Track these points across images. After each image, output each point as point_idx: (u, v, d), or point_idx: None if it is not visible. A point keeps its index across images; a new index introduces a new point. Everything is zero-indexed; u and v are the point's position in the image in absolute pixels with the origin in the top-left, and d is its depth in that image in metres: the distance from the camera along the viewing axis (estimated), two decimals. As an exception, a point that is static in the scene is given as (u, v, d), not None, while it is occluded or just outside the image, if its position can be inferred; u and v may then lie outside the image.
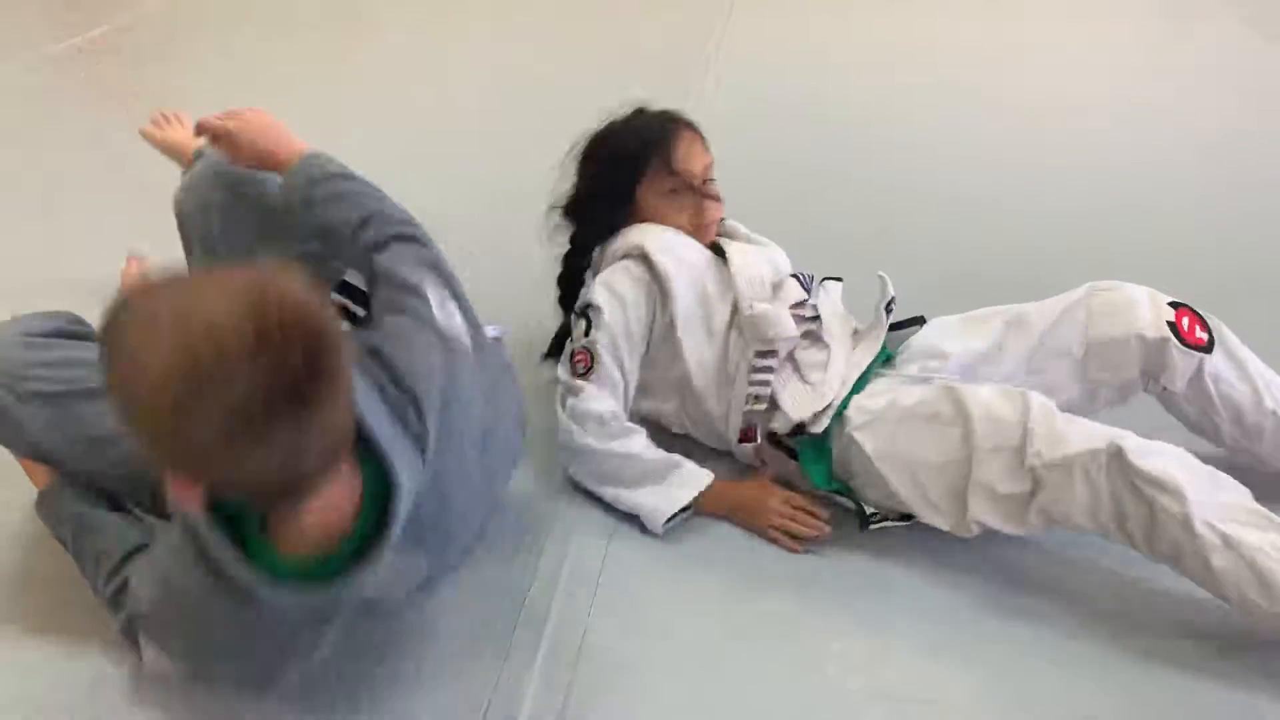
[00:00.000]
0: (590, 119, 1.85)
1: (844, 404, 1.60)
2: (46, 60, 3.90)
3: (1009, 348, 1.67)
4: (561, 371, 1.71)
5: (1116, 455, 1.37)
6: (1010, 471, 1.44)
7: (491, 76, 3.88)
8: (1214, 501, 1.37)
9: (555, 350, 1.86)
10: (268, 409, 0.88)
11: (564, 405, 1.68)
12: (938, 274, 2.31)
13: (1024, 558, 1.60)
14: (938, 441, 1.50)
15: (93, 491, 1.41)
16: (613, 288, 1.69)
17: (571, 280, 1.86)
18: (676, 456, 1.66)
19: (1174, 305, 1.62)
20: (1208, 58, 4.33)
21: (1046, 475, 1.41)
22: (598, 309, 1.67)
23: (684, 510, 1.62)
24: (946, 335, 1.70)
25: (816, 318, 1.71)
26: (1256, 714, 1.38)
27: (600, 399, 1.65)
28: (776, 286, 1.72)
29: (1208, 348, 1.59)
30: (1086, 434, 1.42)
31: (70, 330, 1.42)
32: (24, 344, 1.35)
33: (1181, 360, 1.58)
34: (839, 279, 1.82)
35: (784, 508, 1.62)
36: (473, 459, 1.28)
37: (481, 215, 2.74)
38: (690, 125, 1.80)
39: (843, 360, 1.66)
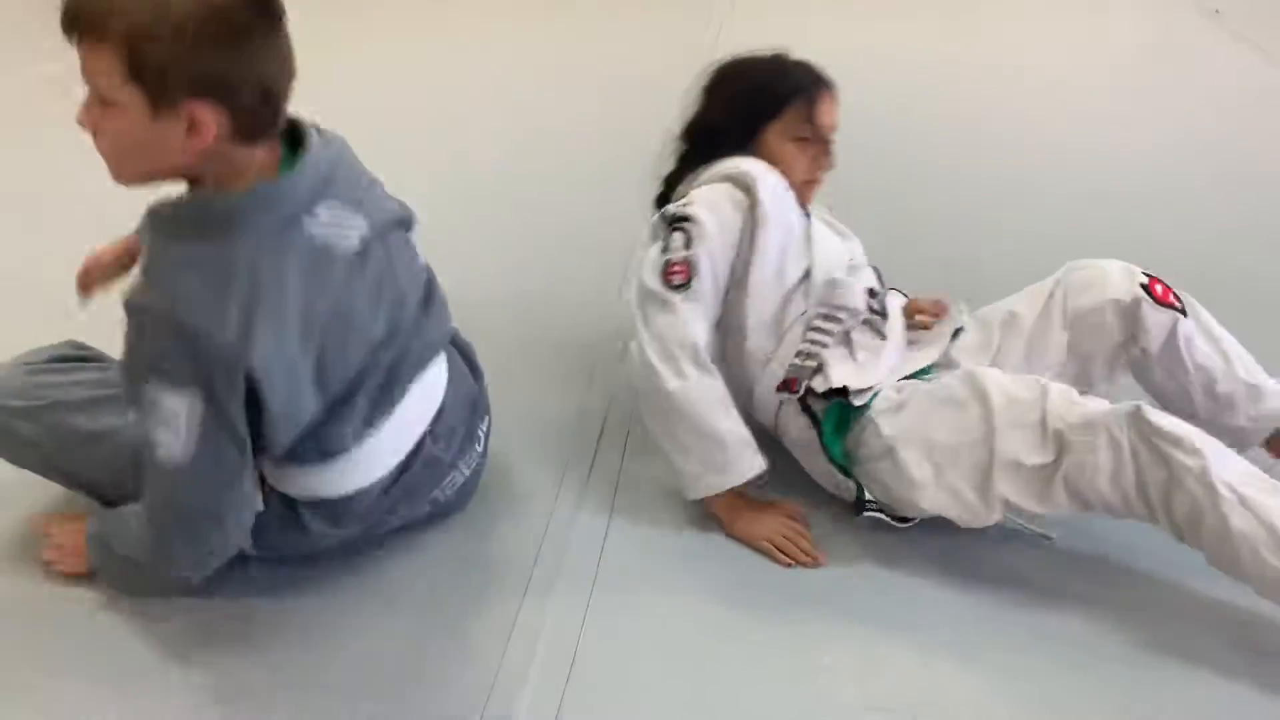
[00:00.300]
0: (586, 125, 1.85)
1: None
2: (41, 75, 3.91)
3: (1006, 351, 1.72)
4: (651, 281, 1.64)
5: (1135, 415, 1.40)
6: (1034, 442, 1.45)
7: (485, 83, 3.89)
8: (1229, 464, 1.38)
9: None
10: (259, 9, 1.15)
11: (648, 323, 1.62)
12: (940, 275, 2.31)
13: (1021, 562, 1.60)
14: (957, 421, 1.51)
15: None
16: (714, 205, 1.65)
17: (669, 203, 1.81)
18: (740, 433, 1.61)
19: (1147, 275, 1.67)
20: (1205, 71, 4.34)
21: (1071, 436, 1.42)
22: (699, 223, 1.63)
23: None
24: (959, 349, 1.75)
25: (883, 313, 1.72)
26: (1260, 710, 1.37)
27: (695, 323, 1.60)
28: (853, 269, 1.74)
29: (1182, 311, 1.63)
30: (1104, 403, 1.46)
31: (68, 355, 1.56)
32: (24, 371, 1.52)
33: (1154, 317, 1.62)
34: (905, 294, 1.87)
35: (783, 528, 1.62)
36: (364, 170, 1.42)
37: (480, 219, 2.74)
38: (832, 86, 1.79)
39: (895, 354, 1.68)
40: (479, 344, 1.77)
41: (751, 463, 1.61)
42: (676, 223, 1.65)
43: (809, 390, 1.63)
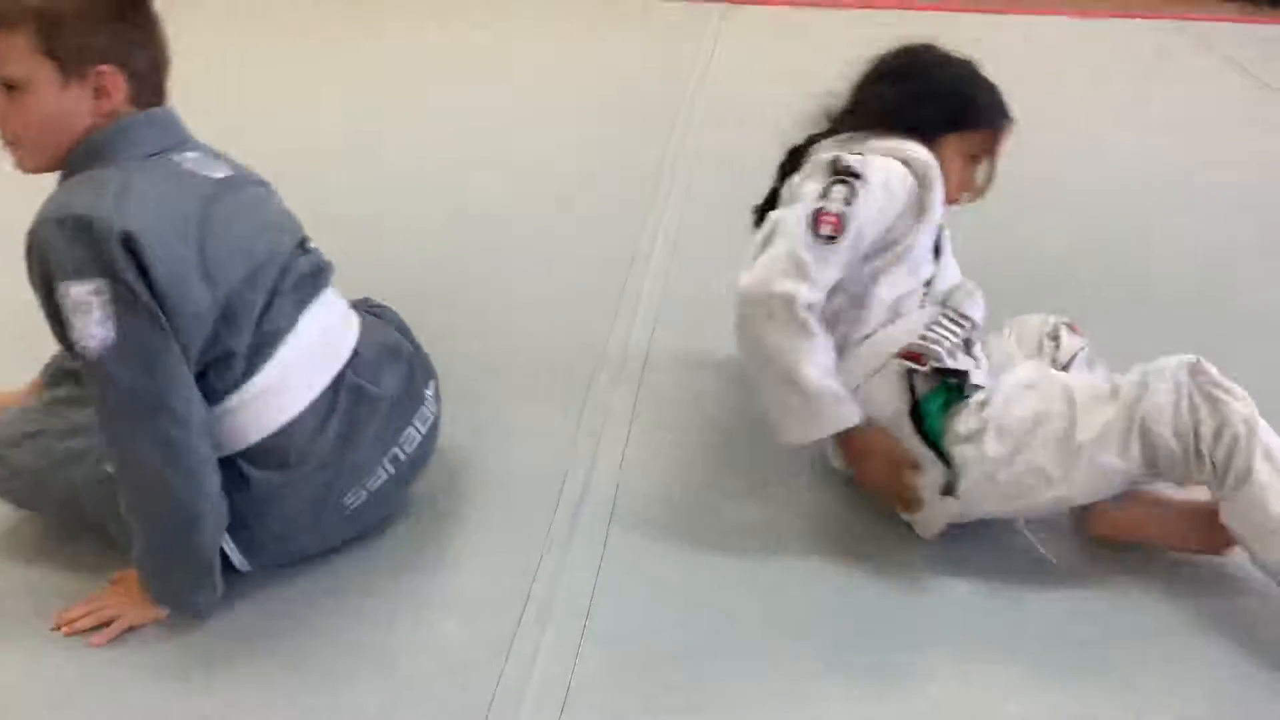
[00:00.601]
0: (577, 154, 1.85)
1: None
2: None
3: None
4: (798, 218, 1.57)
5: (1195, 365, 1.52)
6: (1110, 403, 1.54)
7: (479, 101, 3.90)
8: (1268, 428, 1.49)
9: (766, 210, 1.79)
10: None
11: (766, 255, 1.55)
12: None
13: (1016, 581, 1.61)
14: (1037, 400, 1.57)
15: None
16: (888, 176, 1.62)
17: (802, 161, 1.78)
18: (830, 386, 1.57)
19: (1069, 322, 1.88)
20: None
21: (1147, 380, 1.53)
22: (868, 185, 1.59)
23: None
24: None
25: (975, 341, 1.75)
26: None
27: (816, 289, 1.54)
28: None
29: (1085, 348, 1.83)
30: None
31: (69, 397, 1.63)
32: (21, 412, 1.63)
33: (1069, 341, 1.81)
34: None
35: (896, 474, 1.61)
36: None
37: (474, 235, 2.74)
38: (1015, 122, 1.81)
39: (985, 375, 1.70)
40: (473, 361, 1.76)
41: (838, 414, 1.58)
42: (845, 174, 1.61)
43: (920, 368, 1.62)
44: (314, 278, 1.57)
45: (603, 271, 2.57)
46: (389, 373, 1.60)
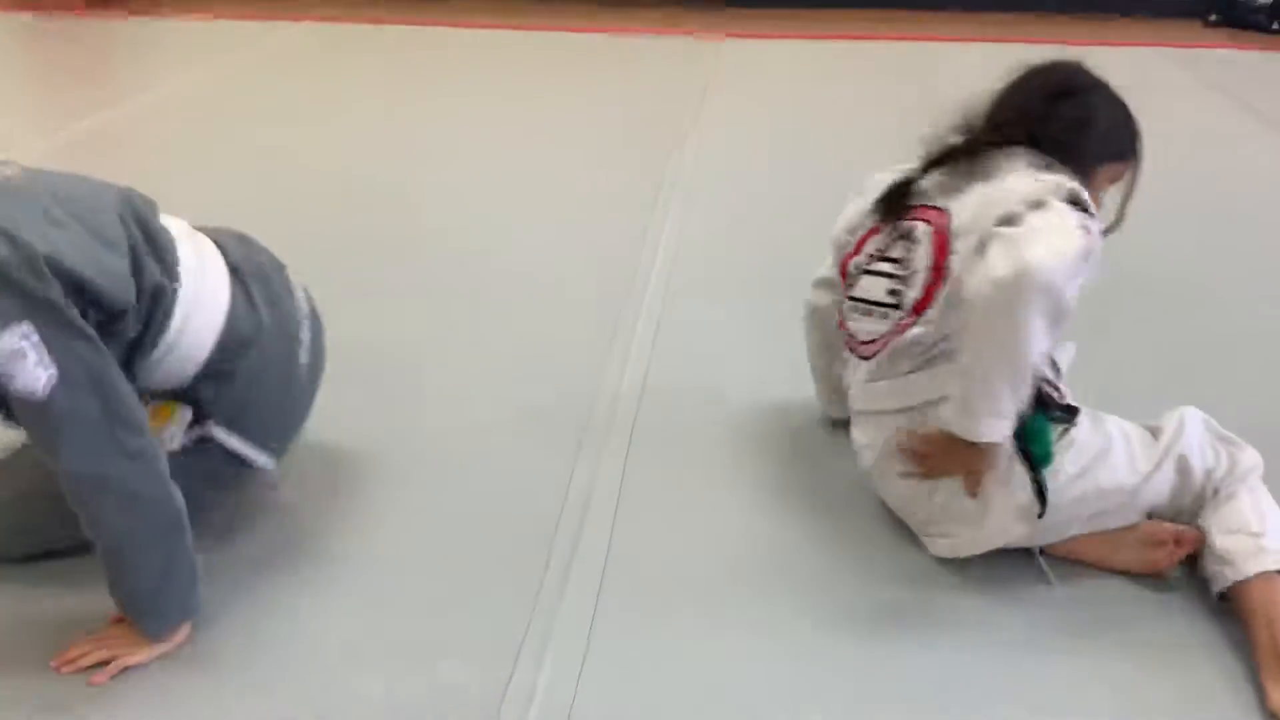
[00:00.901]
0: (574, 186, 1.86)
1: None
2: (40, 153, 3.96)
3: None
4: (1069, 225, 1.48)
5: (1207, 420, 1.72)
6: (1155, 439, 1.69)
7: (469, 146, 3.94)
8: (1261, 483, 1.67)
9: (893, 201, 1.76)
10: None
11: (1048, 246, 1.44)
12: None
13: (1017, 589, 1.62)
14: (1104, 433, 1.67)
15: None
16: (1095, 220, 1.57)
17: (969, 151, 1.72)
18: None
19: None
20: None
21: (1181, 424, 1.69)
22: (1093, 223, 1.54)
23: None
24: None
25: None
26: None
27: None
28: None
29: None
30: None
31: None
32: None
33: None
34: None
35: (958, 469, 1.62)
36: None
37: (467, 280, 2.76)
38: None
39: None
40: (465, 395, 1.73)
41: (1009, 426, 1.56)
42: (1083, 206, 1.55)
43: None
44: (149, 203, 1.61)
45: (599, 304, 2.59)
46: (250, 250, 1.73)
